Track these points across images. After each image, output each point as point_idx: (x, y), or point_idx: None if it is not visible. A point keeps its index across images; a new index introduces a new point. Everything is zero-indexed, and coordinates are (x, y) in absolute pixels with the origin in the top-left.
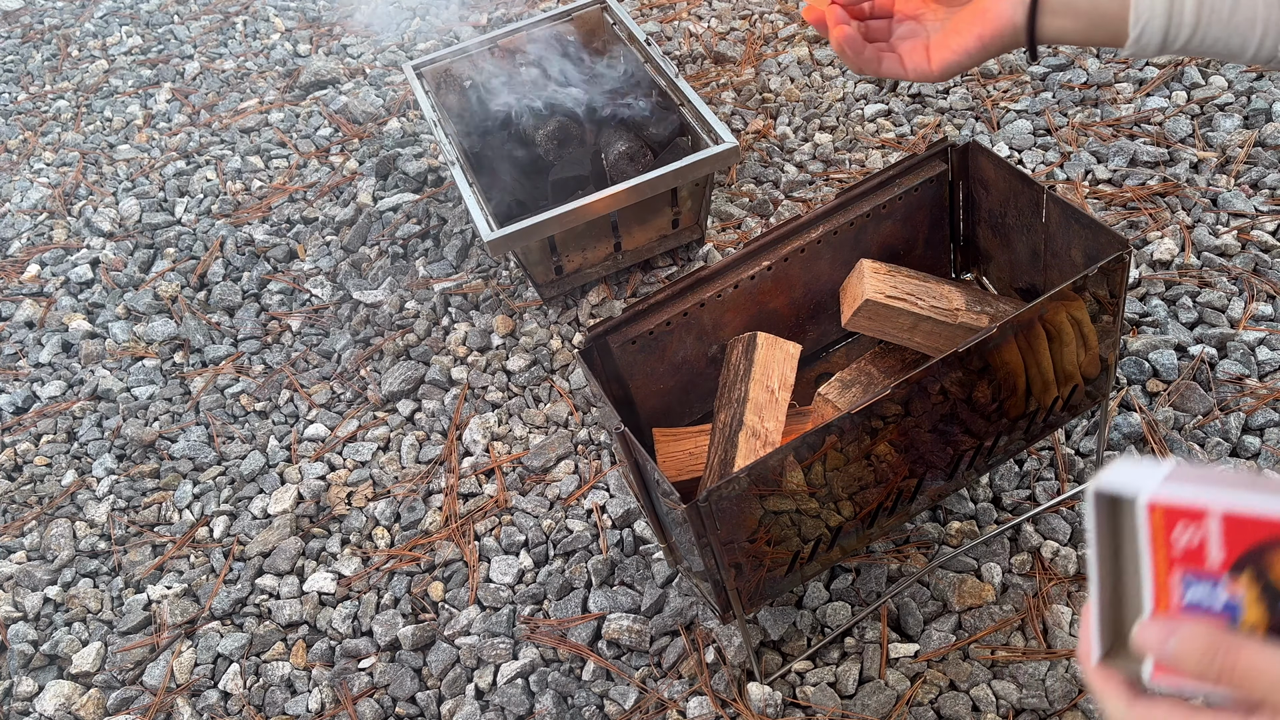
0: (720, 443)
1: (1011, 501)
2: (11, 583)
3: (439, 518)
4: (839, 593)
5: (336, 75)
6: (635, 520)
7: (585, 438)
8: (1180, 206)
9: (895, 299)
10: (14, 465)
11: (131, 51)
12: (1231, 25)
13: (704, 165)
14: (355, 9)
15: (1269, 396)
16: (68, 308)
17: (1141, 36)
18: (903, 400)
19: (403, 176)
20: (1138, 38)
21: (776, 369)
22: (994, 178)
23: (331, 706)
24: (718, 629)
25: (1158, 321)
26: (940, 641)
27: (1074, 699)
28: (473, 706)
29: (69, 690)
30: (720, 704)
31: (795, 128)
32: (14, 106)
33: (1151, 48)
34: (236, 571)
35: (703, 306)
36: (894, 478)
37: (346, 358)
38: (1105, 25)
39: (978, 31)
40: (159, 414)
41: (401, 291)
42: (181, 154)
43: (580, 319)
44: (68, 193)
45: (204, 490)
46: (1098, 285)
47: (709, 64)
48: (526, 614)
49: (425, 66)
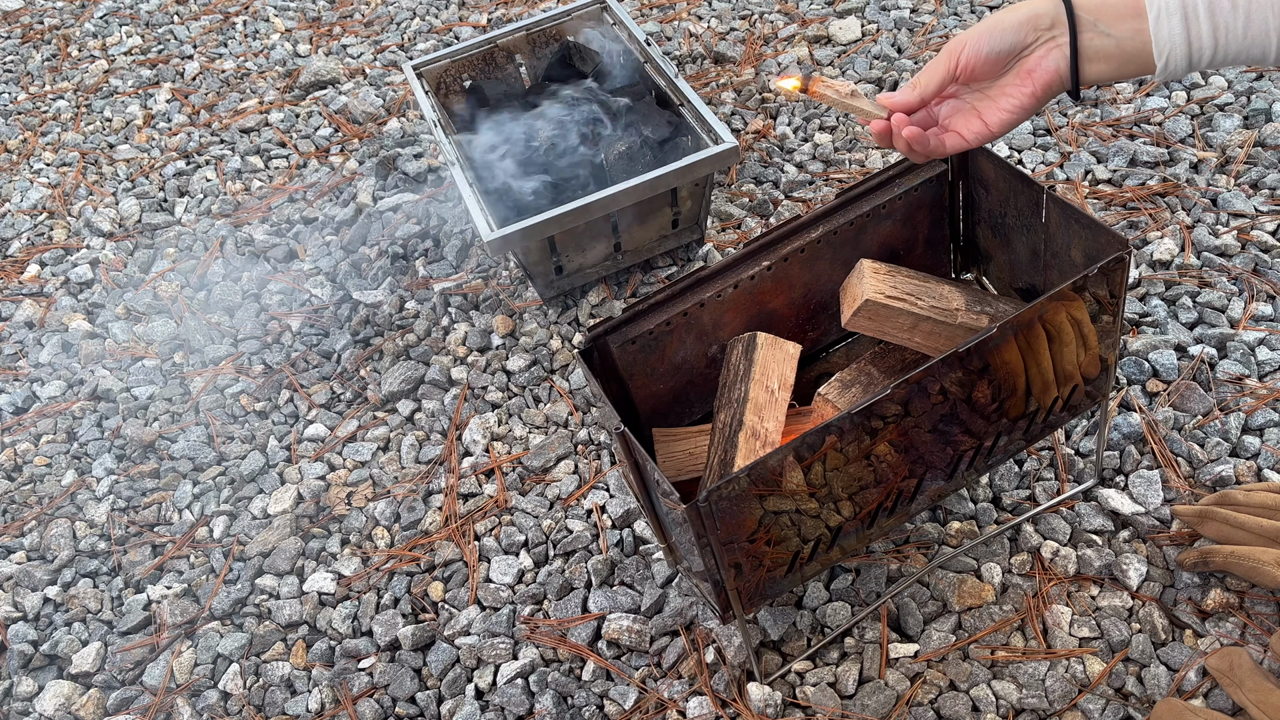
0: (720, 443)
1: (1011, 501)
2: (11, 583)
3: (439, 518)
4: (839, 593)
5: (336, 75)
6: (635, 520)
7: (585, 438)
8: (1180, 206)
9: (895, 299)
10: (14, 465)
11: (131, 51)
12: (1248, 39)
13: (704, 165)
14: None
15: (1269, 396)
16: (68, 308)
17: (1168, 65)
18: (903, 400)
19: (403, 176)
20: (1164, 66)
21: (776, 369)
22: (994, 178)
23: (331, 706)
24: (718, 629)
25: (1158, 321)
26: (940, 642)
27: (1074, 699)
28: (473, 706)
29: (69, 690)
30: (720, 704)
31: (795, 128)
32: (14, 106)
33: (1180, 71)
34: (236, 571)
35: (703, 306)
36: (894, 478)
37: (346, 358)
38: (1135, 60)
39: (1029, 90)
40: (159, 414)
41: (401, 291)
42: (181, 154)
43: (580, 319)
44: (68, 193)
45: (204, 490)
46: (1098, 285)
47: (709, 64)
48: (526, 614)
49: (425, 66)
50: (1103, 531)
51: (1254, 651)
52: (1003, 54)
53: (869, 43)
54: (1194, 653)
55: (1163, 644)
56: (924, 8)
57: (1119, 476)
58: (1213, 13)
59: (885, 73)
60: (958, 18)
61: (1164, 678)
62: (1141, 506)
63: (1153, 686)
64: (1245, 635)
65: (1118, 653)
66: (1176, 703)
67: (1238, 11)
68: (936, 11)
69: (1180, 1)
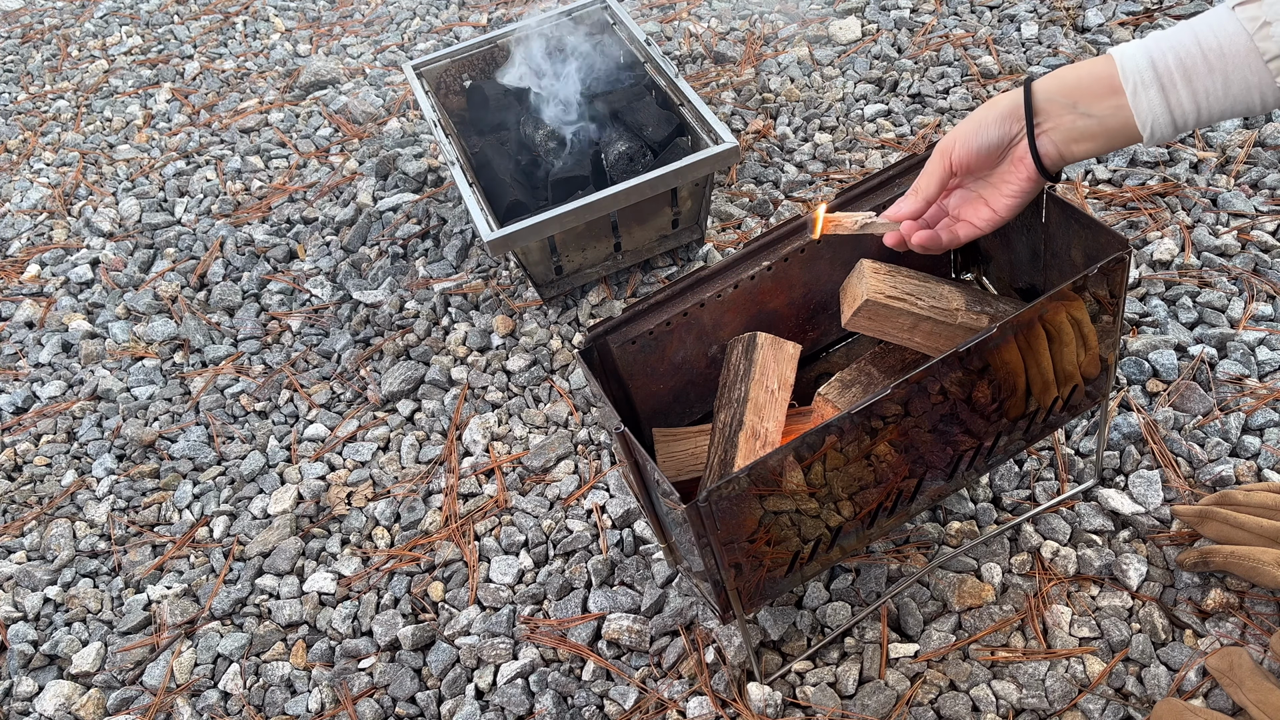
0: (720, 443)
1: (1011, 501)
2: (11, 583)
3: (439, 518)
4: (839, 593)
5: (336, 75)
6: (635, 520)
7: (585, 438)
8: (1180, 206)
9: (895, 299)
10: (14, 465)
11: (131, 51)
12: (1230, 97)
13: (704, 165)
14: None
15: (1269, 396)
16: (68, 308)
17: (1154, 133)
18: (903, 400)
19: (403, 176)
20: (1151, 135)
21: (776, 369)
22: None
23: (331, 706)
24: (718, 629)
25: (1158, 321)
26: (940, 642)
27: (1074, 699)
28: (473, 706)
29: (69, 690)
30: (720, 704)
31: (795, 128)
32: (14, 106)
33: (1168, 137)
34: (236, 571)
35: (703, 306)
36: (894, 478)
37: (346, 358)
38: (1120, 134)
39: (1025, 175)
40: (159, 414)
41: (401, 291)
42: (181, 154)
43: (580, 319)
44: (68, 193)
45: (204, 490)
46: (1098, 285)
47: (709, 64)
48: (526, 614)
49: (425, 66)
50: (1103, 531)
51: (1254, 651)
52: (992, 147)
53: (869, 43)
54: (1194, 653)
55: (1163, 644)
56: (924, 8)
57: (1119, 476)
58: (1189, 79)
59: (885, 73)
60: (958, 18)
61: (1164, 678)
62: (1141, 506)
63: (1153, 686)
64: (1245, 635)
65: (1118, 653)
66: (1176, 703)
67: (1214, 75)
68: (936, 11)
69: (1155, 73)
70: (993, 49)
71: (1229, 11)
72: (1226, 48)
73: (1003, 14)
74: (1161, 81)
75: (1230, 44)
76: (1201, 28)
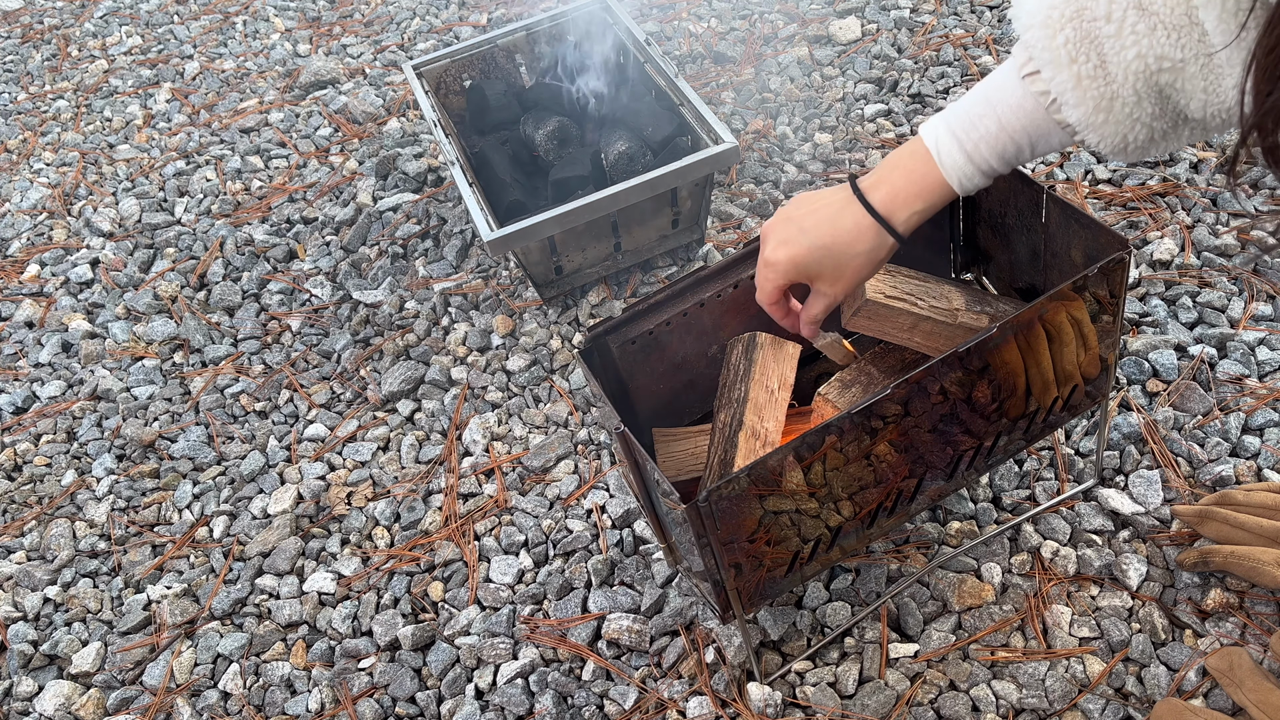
0: (720, 443)
1: (1011, 501)
2: (11, 583)
3: (439, 518)
4: (839, 593)
5: (336, 75)
6: (635, 520)
7: (585, 438)
8: (1180, 206)
9: (895, 299)
10: (14, 465)
11: (131, 51)
12: (1056, 140)
13: (704, 165)
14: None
15: (1269, 396)
16: (68, 308)
17: (964, 184)
18: (903, 400)
19: (403, 176)
20: (960, 185)
21: (776, 369)
22: None
23: (331, 706)
24: (718, 629)
25: (1157, 321)
26: (940, 642)
27: (1074, 699)
28: (472, 706)
29: (69, 690)
30: (720, 704)
31: (795, 128)
32: (14, 106)
33: (985, 182)
34: (236, 571)
35: (703, 306)
36: (894, 478)
37: (346, 358)
38: (938, 192)
39: None
40: (159, 414)
41: (401, 291)
42: (181, 154)
43: (580, 319)
44: (68, 193)
45: (204, 490)
46: (1098, 285)
47: (709, 64)
48: (526, 614)
49: (425, 66)
50: (1103, 531)
51: (1254, 651)
52: None
53: (869, 42)
54: (1194, 653)
55: (1163, 644)
56: (924, 8)
57: (1119, 476)
58: (976, 145)
59: (885, 73)
60: (957, 18)
61: (1164, 678)
62: (1141, 506)
63: (1153, 686)
64: (1245, 635)
65: (1118, 653)
66: (1176, 703)
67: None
68: (936, 11)
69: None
70: (993, 49)
71: (1019, 81)
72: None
73: (1002, 14)
74: (963, 147)
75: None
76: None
